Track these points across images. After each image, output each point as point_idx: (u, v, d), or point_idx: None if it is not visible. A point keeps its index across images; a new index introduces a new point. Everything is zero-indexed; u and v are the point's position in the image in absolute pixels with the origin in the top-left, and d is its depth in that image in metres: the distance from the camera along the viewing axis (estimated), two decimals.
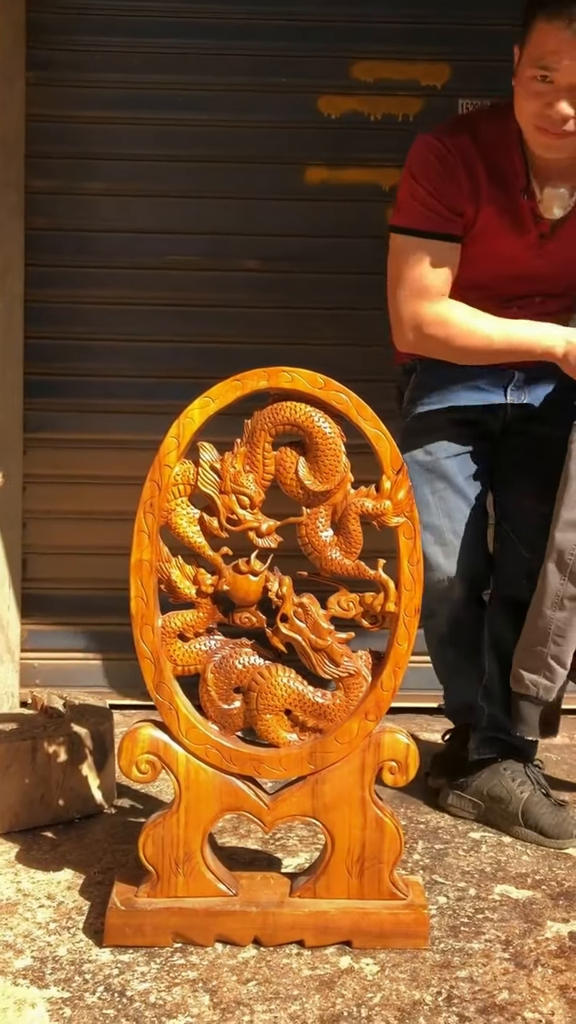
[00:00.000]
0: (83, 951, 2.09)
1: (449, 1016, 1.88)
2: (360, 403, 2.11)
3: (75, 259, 3.82)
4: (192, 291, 3.85)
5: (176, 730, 2.13)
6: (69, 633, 3.90)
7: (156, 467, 2.11)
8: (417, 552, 2.12)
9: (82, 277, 3.82)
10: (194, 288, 3.86)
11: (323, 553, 2.13)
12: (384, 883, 2.13)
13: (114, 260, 3.82)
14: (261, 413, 2.12)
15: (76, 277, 3.82)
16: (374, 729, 2.13)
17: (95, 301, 3.83)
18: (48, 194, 3.81)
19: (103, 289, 3.82)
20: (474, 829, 2.74)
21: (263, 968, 2.02)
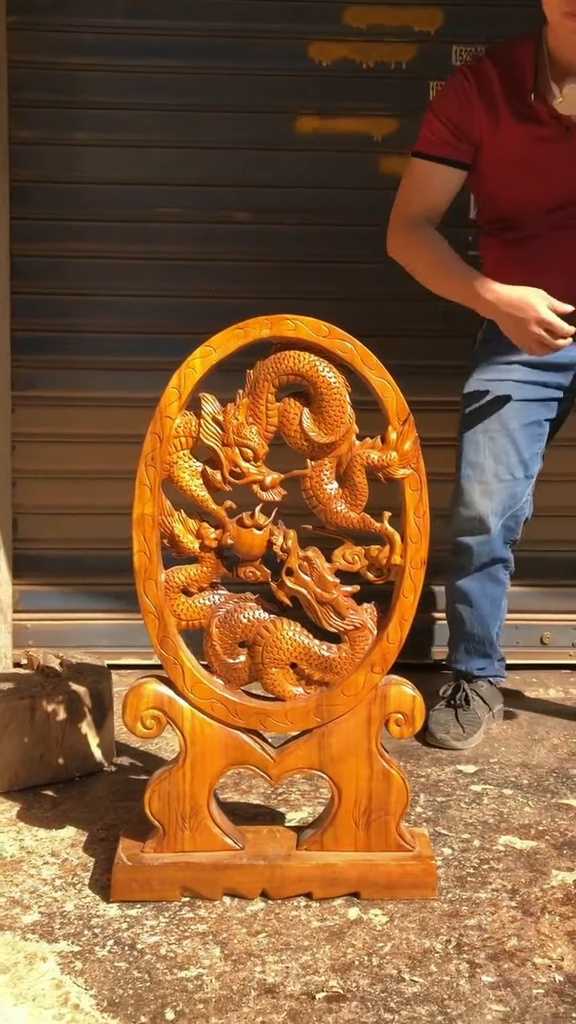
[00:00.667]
0: (90, 906, 2.08)
1: (460, 963, 1.89)
2: (365, 352, 2.07)
3: (61, 212, 3.73)
4: (181, 244, 3.77)
5: (181, 685, 2.11)
6: (62, 594, 3.86)
7: (157, 419, 2.06)
8: (423, 504, 2.09)
9: (69, 230, 3.73)
10: (183, 241, 3.78)
11: (328, 506, 2.10)
12: (391, 835, 2.13)
13: (101, 213, 3.73)
14: (264, 363, 2.08)
15: (63, 231, 3.73)
16: (380, 681, 2.12)
17: (82, 255, 3.75)
18: (33, 145, 3.71)
19: (90, 242, 3.73)
20: (475, 782, 2.75)
21: (272, 920, 2.03)
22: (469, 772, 2.82)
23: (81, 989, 1.79)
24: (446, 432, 3.75)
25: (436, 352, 3.77)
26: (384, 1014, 1.73)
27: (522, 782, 2.74)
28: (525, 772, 2.81)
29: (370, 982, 1.82)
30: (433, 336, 3.76)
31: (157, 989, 1.79)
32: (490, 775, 2.80)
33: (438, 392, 3.78)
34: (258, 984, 1.81)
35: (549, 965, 1.88)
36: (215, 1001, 1.76)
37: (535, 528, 3.84)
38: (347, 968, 1.86)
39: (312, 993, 1.79)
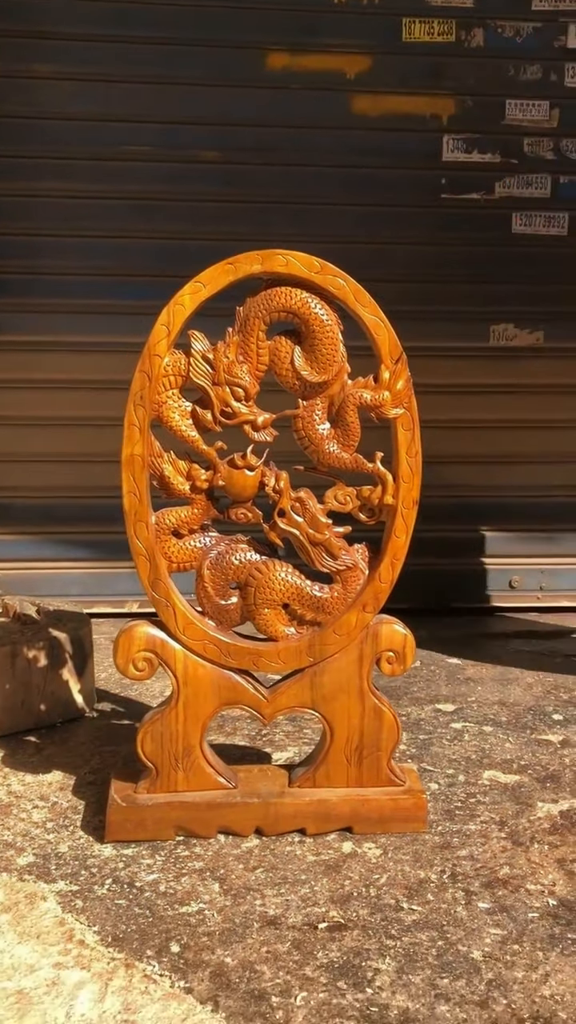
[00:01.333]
0: (85, 847, 2.09)
1: (456, 891, 1.93)
2: (358, 288, 2.04)
3: (25, 149, 3.61)
4: (147, 183, 3.68)
5: (173, 627, 2.10)
6: (32, 542, 3.81)
7: (145, 357, 2.02)
8: (416, 444, 2.09)
9: (30, 168, 3.62)
10: (149, 180, 3.69)
11: (320, 446, 2.09)
12: (383, 770, 2.17)
13: (66, 150, 3.62)
14: (254, 299, 2.04)
15: (24, 168, 3.62)
16: (372, 621, 2.14)
17: (45, 194, 3.64)
18: None
19: (53, 181, 3.63)
20: (455, 720, 2.79)
21: (268, 856, 2.05)
22: (448, 711, 2.87)
23: (84, 926, 1.80)
24: (436, 379, 3.76)
25: (421, 297, 3.75)
26: (386, 940, 1.77)
27: (501, 719, 2.80)
28: (503, 710, 2.87)
29: (370, 912, 1.86)
30: (416, 281, 3.74)
31: (160, 924, 1.81)
32: (469, 713, 2.85)
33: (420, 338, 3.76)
34: (260, 916, 1.84)
35: (542, 891, 1.94)
36: (219, 933, 1.79)
37: (504, 474, 3.89)
38: (346, 899, 1.90)
39: (314, 923, 1.82)
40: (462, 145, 3.77)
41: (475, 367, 3.84)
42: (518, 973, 1.69)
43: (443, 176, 3.80)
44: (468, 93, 3.73)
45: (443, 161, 3.76)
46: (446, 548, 3.86)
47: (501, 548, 3.94)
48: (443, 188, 3.81)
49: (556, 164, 3.77)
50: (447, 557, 3.89)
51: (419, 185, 3.77)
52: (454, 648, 3.42)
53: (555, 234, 3.80)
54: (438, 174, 3.79)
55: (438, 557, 3.83)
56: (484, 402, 3.85)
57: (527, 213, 3.81)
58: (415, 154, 3.74)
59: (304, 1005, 1.60)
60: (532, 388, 3.87)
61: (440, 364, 3.77)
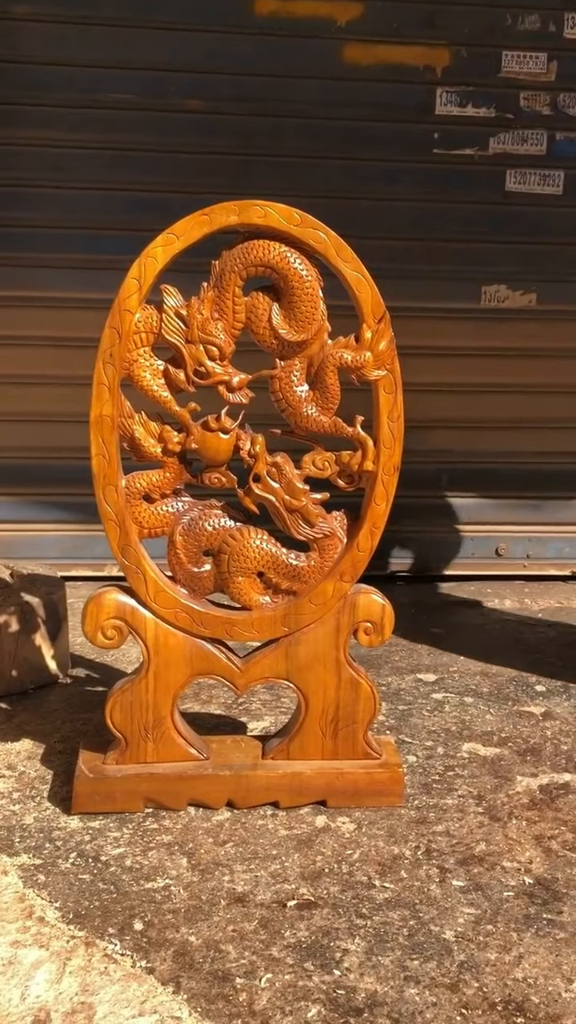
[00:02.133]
0: (51, 819, 2.03)
1: (430, 868, 1.88)
2: (340, 242, 1.95)
3: (4, 96, 3.45)
4: (128, 133, 3.54)
5: (144, 594, 2.03)
6: (9, 503, 3.73)
7: (115, 312, 1.93)
8: (398, 408, 2.01)
9: (6, 116, 3.47)
10: (131, 130, 3.54)
11: (298, 409, 2.01)
12: (358, 743, 2.11)
13: (41, 96, 3.47)
14: (230, 253, 1.95)
15: (4, 115, 3.47)
16: (349, 590, 2.07)
17: (22, 143, 3.50)
18: None
19: (30, 129, 3.48)
20: (435, 690, 2.74)
21: (239, 830, 2.00)
22: (429, 681, 2.81)
23: (45, 902, 1.75)
24: (424, 340, 3.67)
25: (410, 256, 3.64)
26: (356, 920, 1.72)
27: (482, 690, 2.75)
28: (485, 680, 2.82)
29: (340, 889, 1.81)
30: (403, 238, 3.63)
31: (124, 900, 1.76)
32: (450, 683, 2.79)
33: (409, 298, 3.68)
34: (227, 893, 1.79)
35: (518, 868, 1.89)
36: (184, 911, 1.74)
37: (491, 440, 3.81)
38: (317, 876, 1.85)
39: (283, 901, 1.77)
40: (456, 98, 3.63)
41: (466, 329, 3.75)
42: (491, 955, 1.64)
43: (436, 130, 3.66)
44: (463, 43, 3.59)
45: (436, 115, 3.62)
46: (431, 514, 3.80)
47: (488, 515, 3.87)
48: (435, 143, 3.69)
49: (553, 120, 3.65)
50: (432, 524, 3.82)
51: (410, 140, 3.63)
52: (437, 617, 3.36)
53: (550, 193, 3.69)
54: (431, 128, 3.66)
55: (423, 524, 3.77)
56: (474, 365, 3.76)
57: (522, 171, 3.69)
58: (407, 107, 3.60)
59: (269, 987, 1.55)
60: (525, 351, 3.77)
61: (429, 325, 3.67)
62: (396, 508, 2.07)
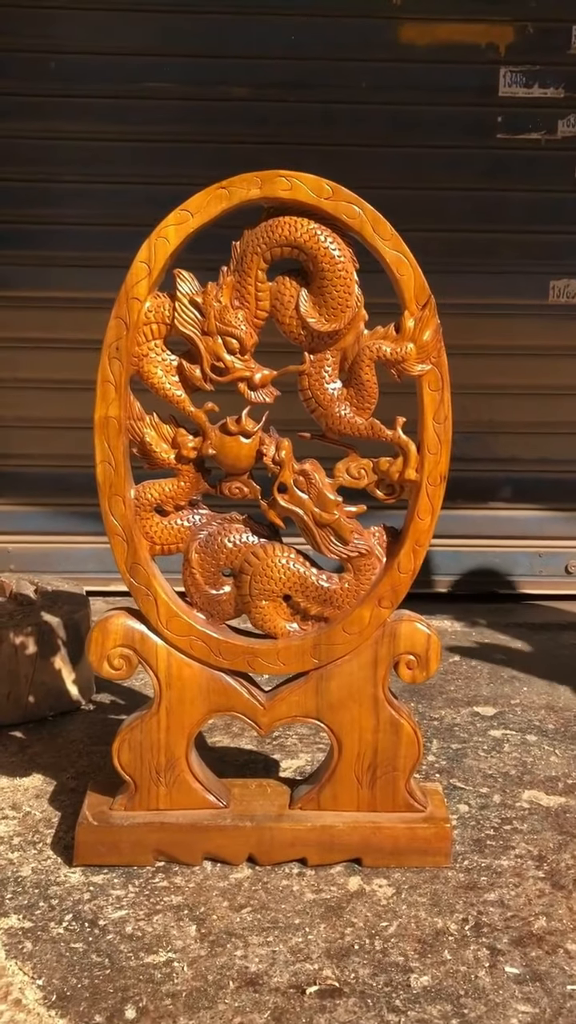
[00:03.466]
0: (50, 871, 1.81)
1: (479, 949, 1.60)
2: (377, 217, 1.69)
3: (33, 86, 3.29)
4: (172, 124, 3.35)
5: (155, 619, 1.79)
6: (44, 514, 3.55)
7: (122, 301, 1.71)
8: (445, 407, 1.74)
9: (41, 108, 3.31)
10: (174, 120, 3.35)
11: (330, 409, 1.75)
12: (399, 793, 1.84)
13: (79, 87, 3.30)
14: (253, 232, 1.71)
15: (34, 108, 3.31)
16: (389, 618, 1.80)
17: (58, 136, 3.33)
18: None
19: (67, 122, 3.32)
20: (494, 726, 2.45)
21: (259, 891, 1.74)
22: (488, 715, 2.52)
23: (27, 978, 1.52)
24: (488, 339, 3.39)
25: (472, 249, 3.38)
26: (388, 1015, 1.46)
27: (547, 727, 2.45)
28: (551, 716, 2.52)
29: (372, 972, 1.54)
30: (464, 230, 3.37)
31: (118, 978, 1.52)
32: (511, 719, 2.50)
33: (471, 295, 3.43)
34: (238, 973, 1.54)
35: None
36: (186, 995, 1.49)
37: (560, 447, 3.50)
38: (344, 953, 1.58)
39: (302, 986, 1.51)
40: (521, 78, 3.36)
41: (533, 327, 3.47)
42: None
43: (499, 114, 3.37)
44: (530, 18, 3.33)
45: (499, 96, 3.36)
46: (493, 527, 3.52)
47: (556, 529, 3.56)
48: (499, 127, 3.42)
49: None
50: (494, 538, 3.54)
51: (472, 124, 3.37)
52: (498, 642, 3.06)
53: None
54: (493, 111, 3.37)
55: (484, 538, 3.48)
56: (542, 366, 3.48)
57: None
58: (468, 89, 3.35)
59: None
60: None
61: (493, 324, 3.40)
62: (454, 520, 1.81)
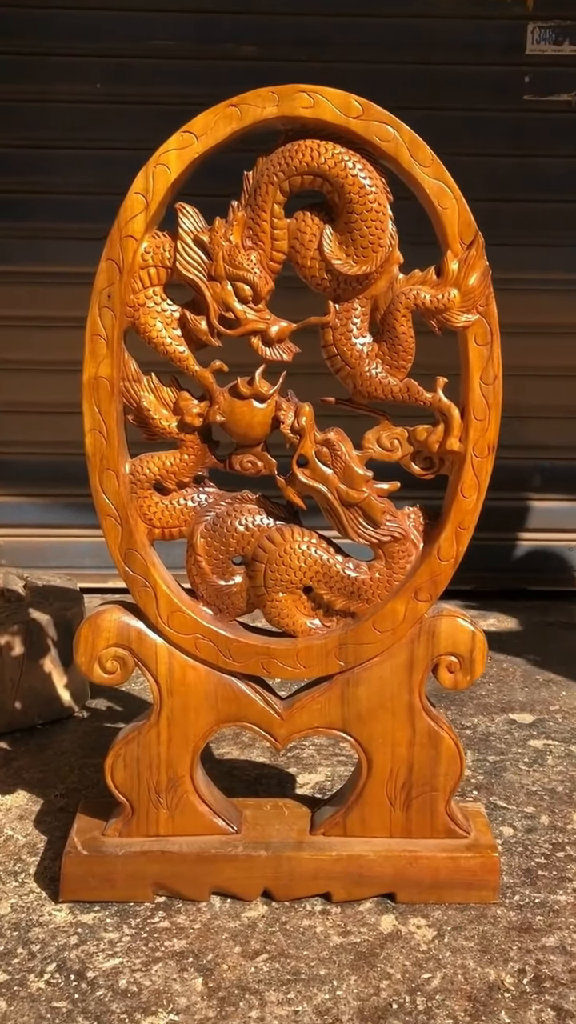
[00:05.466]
0: (32, 908, 1.56)
1: (542, 1009, 1.34)
2: (415, 140, 1.45)
3: (25, 44, 3.05)
4: (175, 85, 3.10)
5: (154, 614, 1.54)
6: (38, 505, 3.31)
7: (114, 240, 1.46)
8: (494, 365, 1.49)
9: (37, 68, 3.06)
10: (178, 81, 3.11)
11: (358, 368, 1.50)
12: (439, 816, 1.58)
13: (79, 46, 3.06)
14: (268, 159, 1.47)
15: (29, 68, 3.06)
16: (427, 612, 1.55)
17: (53, 98, 3.09)
18: None
19: (63, 83, 3.07)
20: (534, 736, 2.20)
21: (276, 934, 1.49)
22: (525, 723, 2.27)
23: None
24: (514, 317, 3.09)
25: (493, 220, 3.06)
26: None
27: None
28: None
29: None
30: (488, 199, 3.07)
31: None
32: (552, 727, 2.25)
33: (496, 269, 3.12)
34: None
35: None
36: None
37: None
38: (381, 1015, 1.33)
39: None
40: (550, 35, 3.13)
41: (565, 303, 3.22)
42: None
43: (526, 73, 3.13)
44: None
45: (526, 55, 3.12)
46: (520, 519, 3.28)
47: None
48: (526, 88, 3.16)
49: None
50: (522, 531, 3.30)
51: (497, 84, 3.13)
52: (532, 642, 2.81)
53: None
54: (520, 71, 3.13)
55: (510, 530, 3.24)
56: (572, 345, 3.22)
57: None
58: (492, 46, 3.12)
59: None
60: None
61: (521, 299, 3.14)
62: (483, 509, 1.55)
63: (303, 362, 1.56)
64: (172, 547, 1.62)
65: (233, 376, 1.52)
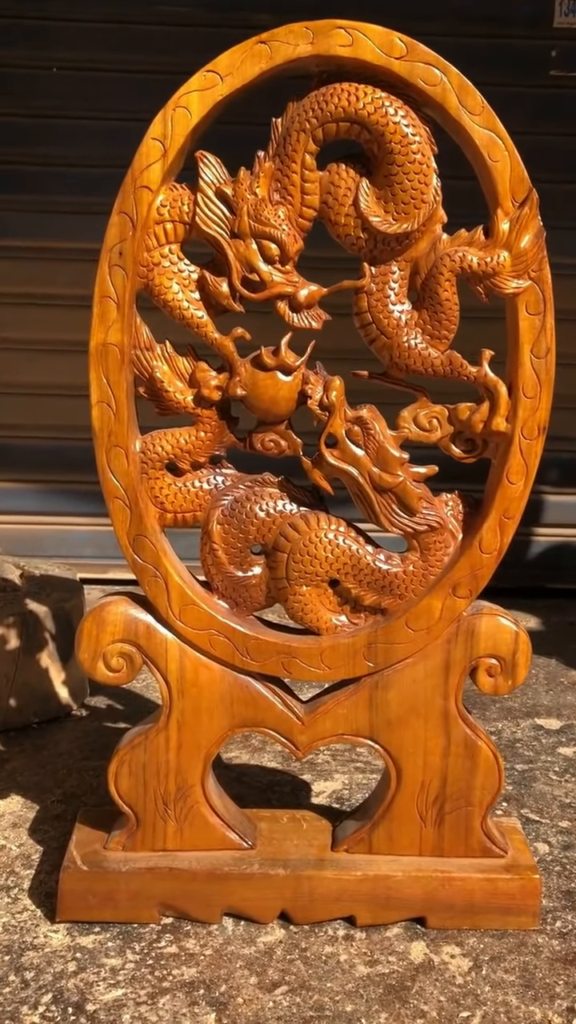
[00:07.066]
0: (26, 929, 1.42)
1: None
2: (465, 84, 1.32)
3: (29, 7, 2.90)
4: (184, 54, 2.90)
5: (164, 607, 1.40)
6: (37, 492, 3.18)
7: (127, 191, 1.32)
8: (547, 337, 1.35)
9: (40, 34, 2.92)
10: (187, 50, 2.92)
11: (396, 339, 1.36)
12: (474, 834, 1.45)
13: (81, 10, 2.91)
14: (300, 104, 1.33)
15: (31, 32, 2.92)
16: (466, 610, 1.41)
17: (58, 64, 2.95)
18: None
19: (68, 51, 2.93)
20: (563, 742, 2.06)
21: (296, 963, 1.35)
22: (553, 728, 2.14)
23: None
24: None
25: None
26: None
27: None
28: None
29: None
30: None
31: None
32: None
33: None
34: None
35: None
36: None
37: None
38: None
39: None
40: None
41: None
42: None
43: (553, 47, 3.00)
44: None
45: (554, 28, 2.99)
46: (543, 513, 3.15)
47: None
48: (553, 63, 3.02)
49: None
50: (541, 525, 3.19)
51: (522, 59, 3.00)
52: (556, 641, 2.69)
53: None
54: (546, 44, 3.00)
55: (526, 525, 3.09)
56: None
57: None
58: (517, 19, 2.99)
59: None
60: None
61: None
62: None
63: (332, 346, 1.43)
64: (184, 536, 1.48)
65: (256, 346, 1.38)
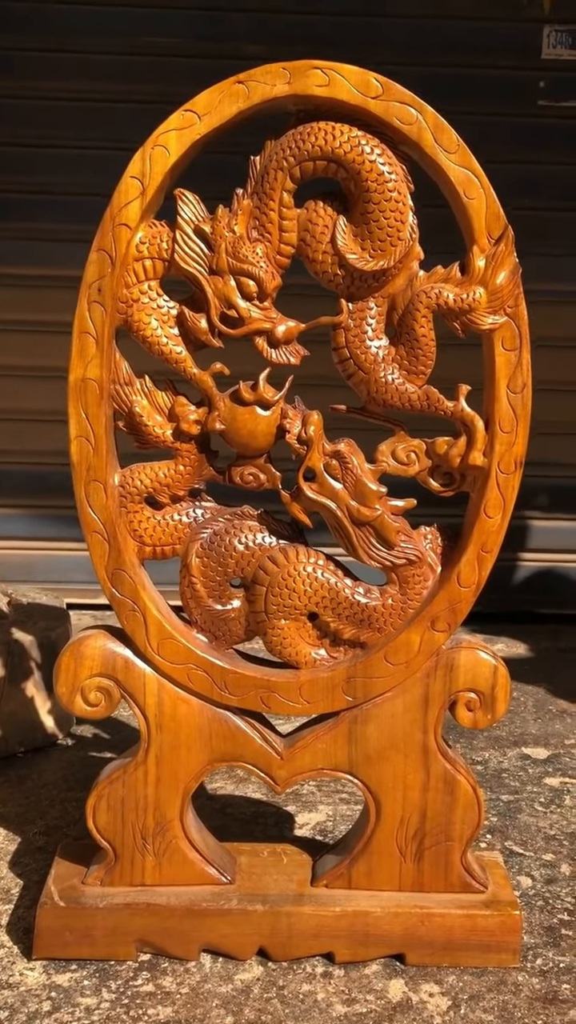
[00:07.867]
0: (3, 966, 1.41)
1: None
2: (440, 123, 1.33)
3: (20, 38, 2.93)
4: (175, 84, 2.95)
5: (143, 641, 1.40)
6: (26, 517, 3.18)
7: (106, 228, 1.33)
8: (523, 372, 1.35)
9: (32, 64, 2.95)
10: (178, 80, 2.95)
11: (373, 373, 1.37)
12: (454, 870, 1.44)
13: (73, 41, 2.95)
14: (278, 142, 1.35)
15: (25, 64, 2.95)
16: (445, 644, 1.41)
17: (50, 95, 2.98)
18: None
19: (60, 80, 2.96)
20: (549, 772, 2.05)
21: (273, 1001, 1.34)
22: (540, 758, 2.13)
23: None
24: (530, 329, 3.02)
25: None
26: None
27: None
28: None
29: None
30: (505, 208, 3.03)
31: None
32: (569, 763, 2.11)
33: None
34: None
35: None
36: None
37: None
38: None
39: None
40: (567, 39, 3.04)
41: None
42: None
43: (542, 78, 3.03)
44: None
45: (542, 59, 3.03)
46: (523, 540, 3.17)
47: None
48: (541, 93, 3.07)
49: None
50: (529, 551, 3.19)
51: (512, 89, 3.03)
52: (543, 669, 2.67)
53: None
54: (535, 75, 3.04)
55: (513, 551, 3.13)
56: None
57: None
58: (507, 50, 3.02)
59: None
60: None
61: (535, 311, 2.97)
62: None
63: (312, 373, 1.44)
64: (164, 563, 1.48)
65: (235, 380, 1.39)
